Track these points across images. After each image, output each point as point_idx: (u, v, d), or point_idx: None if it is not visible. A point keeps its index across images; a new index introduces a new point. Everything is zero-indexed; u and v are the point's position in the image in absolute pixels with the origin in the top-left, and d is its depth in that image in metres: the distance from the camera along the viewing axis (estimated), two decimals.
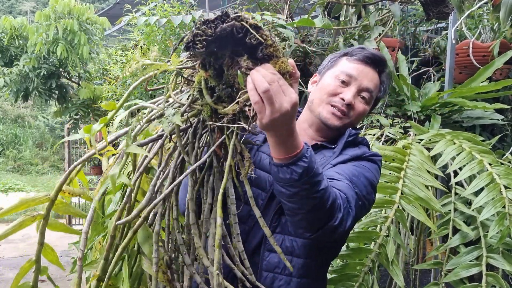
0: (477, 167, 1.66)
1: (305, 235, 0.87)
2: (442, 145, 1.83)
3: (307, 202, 0.80)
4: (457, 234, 1.72)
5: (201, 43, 0.69)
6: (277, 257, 0.98)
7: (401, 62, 2.59)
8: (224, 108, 0.74)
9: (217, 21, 0.69)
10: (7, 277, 5.88)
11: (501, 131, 2.77)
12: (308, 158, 0.77)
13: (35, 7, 23.99)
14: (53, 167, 16.09)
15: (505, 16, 1.89)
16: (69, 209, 0.86)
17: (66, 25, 4.93)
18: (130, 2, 4.25)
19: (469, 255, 1.64)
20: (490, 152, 1.75)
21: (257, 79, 0.68)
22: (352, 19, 2.59)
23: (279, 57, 0.72)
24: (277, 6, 3.16)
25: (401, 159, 1.69)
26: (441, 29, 3.86)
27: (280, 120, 0.70)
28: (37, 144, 16.92)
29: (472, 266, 1.61)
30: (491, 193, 1.55)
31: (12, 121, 17.37)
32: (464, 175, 1.68)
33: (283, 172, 0.77)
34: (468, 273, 1.61)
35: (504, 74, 2.82)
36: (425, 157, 1.75)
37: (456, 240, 1.71)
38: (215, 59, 0.72)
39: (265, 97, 0.68)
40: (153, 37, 3.86)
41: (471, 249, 1.65)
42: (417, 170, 1.64)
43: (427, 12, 2.20)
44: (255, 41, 0.69)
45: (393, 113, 2.38)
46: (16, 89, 5.40)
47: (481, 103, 2.23)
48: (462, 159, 1.72)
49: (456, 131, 1.96)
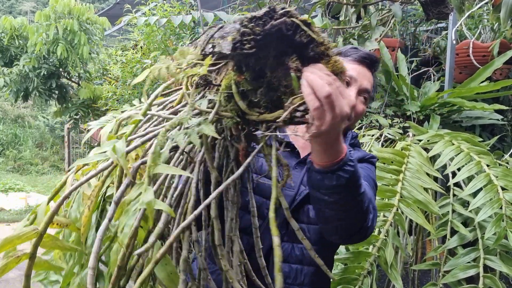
0: (475, 168, 1.67)
1: (338, 240, 0.84)
2: (440, 146, 1.83)
3: (349, 208, 0.77)
4: (455, 236, 1.72)
5: (249, 43, 0.60)
6: (288, 267, 0.96)
7: (401, 62, 2.59)
8: (260, 115, 0.65)
9: (265, 18, 0.61)
10: (7, 277, 5.87)
11: (501, 131, 2.77)
12: (354, 161, 0.73)
13: (35, 7, 23.99)
14: (53, 167, 16.07)
15: (505, 16, 1.89)
16: (57, 243, 0.73)
17: (66, 25, 4.93)
18: (130, 2, 4.25)
19: (466, 257, 1.65)
20: (488, 153, 1.75)
21: (316, 82, 0.61)
22: (352, 19, 2.59)
23: (330, 56, 0.64)
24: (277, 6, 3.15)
25: (400, 162, 1.70)
26: (441, 29, 3.86)
27: (338, 125, 0.65)
28: (37, 144, 16.91)
29: (470, 268, 1.61)
30: (488, 194, 1.56)
31: (12, 121, 17.36)
32: (462, 176, 1.68)
33: (329, 179, 0.72)
34: (465, 274, 1.61)
35: (504, 74, 2.82)
36: (424, 159, 1.76)
37: (454, 242, 1.71)
38: (256, 60, 0.63)
39: (327, 102, 0.61)
40: (153, 37, 3.86)
41: (469, 250, 1.66)
42: (415, 172, 1.64)
43: (426, 13, 2.19)
44: (305, 39, 0.62)
45: (392, 113, 2.38)
46: (16, 89, 5.41)
47: (480, 104, 2.23)
48: (460, 160, 1.72)
49: (455, 132, 1.96)
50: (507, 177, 1.59)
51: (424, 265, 1.81)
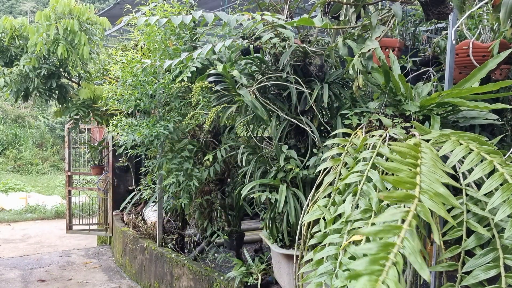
0: (488, 168, 1.64)
1: None
2: (449, 145, 1.81)
3: None
4: (472, 236, 1.68)
5: None
6: None
7: (393, 62, 2.58)
8: None
9: None
10: (7, 277, 5.89)
11: (501, 131, 2.78)
12: None
13: (35, 7, 24.00)
14: (53, 167, 16.10)
15: (505, 16, 1.90)
16: None
17: (67, 25, 4.94)
18: (130, 2, 4.26)
19: (486, 257, 1.61)
20: (498, 152, 1.73)
21: None
22: (352, 19, 2.60)
23: None
24: (277, 6, 3.16)
25: (415, 156, 1.67)
26: (440, 29, 3.86)
27: None
28: (37, 144, 16.94)
29: (491, 268, 1.58)
30: (505, 193, 1.53)
31: (13, 121, 17.38)
32: (476, 176, 1.65)
33: None
34: (486, 275, 1.57)
35: (504, 74, 2.83)
36: (436, 155, 1.73)
37: (472, 242, 1.67)
38: None
39: None
40: (153, 37, 3.86)
41: (487, 250, 1.62)
42: (431, 167, 1.61)
43: (426, 13, 2.20)
44: None
45: (392, 113, 2.39)
46: (16, 89, 5.41)
47: (482, 103, 2.23)
48: (472, 159, 1.69)
49: (460, 132, 1.95)
50: None
51: (440, 267, 1.77)
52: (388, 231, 1.47)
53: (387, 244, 1.47)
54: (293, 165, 2.80)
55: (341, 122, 2.70)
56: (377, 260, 1.45)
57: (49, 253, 7.07)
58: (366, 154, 1.91)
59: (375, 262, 1.46)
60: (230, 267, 4.59)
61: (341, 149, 2.13)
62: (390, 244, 1.47)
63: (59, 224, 9.13)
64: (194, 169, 3.84)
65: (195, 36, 3.98)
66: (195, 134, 4.20)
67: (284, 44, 2.78)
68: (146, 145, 4.12)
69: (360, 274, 1.37)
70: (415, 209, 1.46)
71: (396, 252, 1.44)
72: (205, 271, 4.08)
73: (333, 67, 3.08)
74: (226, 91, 2.96)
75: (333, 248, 1.67)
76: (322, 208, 1.87)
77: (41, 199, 11.28)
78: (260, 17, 2.56)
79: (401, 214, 1.49)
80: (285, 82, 2.80)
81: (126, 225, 6.35)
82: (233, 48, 3.25)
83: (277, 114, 2.87)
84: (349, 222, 1.69)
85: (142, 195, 4.91)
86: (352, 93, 2.83)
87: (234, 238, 4.30)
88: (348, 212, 1.72)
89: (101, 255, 6.92)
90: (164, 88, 3.73)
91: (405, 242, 1.44)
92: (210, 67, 3.35)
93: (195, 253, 4.83)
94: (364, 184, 1.78)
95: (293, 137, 3.02)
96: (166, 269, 4.79)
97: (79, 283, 5.56)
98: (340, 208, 1.79)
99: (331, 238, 1.71)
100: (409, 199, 1.48)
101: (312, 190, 2.21)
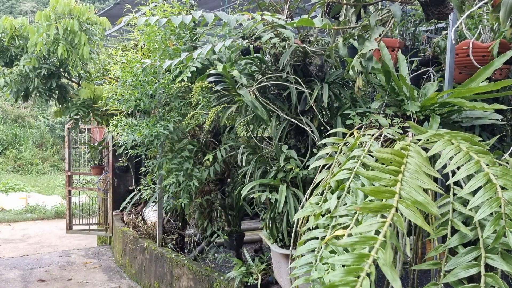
0: (474, 167, 1.66)
1: None
2: (440, 145, 1.83)
3: None
4: (456, 235, 1.72)
5: None
6: None
7: (401, 62, 2.59)
8: None
9: None
10: (7, 277, 5.89)
11: (501, 131, 2.78)
12: None
13: (35, 7, 24.00)
14: (53, 167, 16.10)
15: (505, 16, 1.90)
16: None
17: (67, 25, 4.94)
18: (130, 2, 4.26)
19: (467, 256, 1.64)
20: (487, 152, 1.75)
21: None
22: (352, 19, 2.60)
23: None
24: (277, 6, 3.16)
25: (399, 162, 1.69)
26: (440, 29, 3.86)
27: None
28: (37, 144, 16.94)
29: (471, 267, 1.61)
30: (488, 193, 1.56)
31: (13, 121, 17.38)
32: (461, 175, 1.68)
33: None
34: (467, 273, 1.60)
35: (504, 74, 2.83)
36: (423, 159, 1.75)
37: (454, 241, 1.71)
38: None
39: None
40: (153, 37, 3.86)
41: (470, 249, 1.65)
42: (415, 173, 1.64)
43: (426, 13, 2.20)
44: None
45: (392, 113, 2.39)
46: (16, 89, 5.41)
47: (480, 104, 2.23)
48: (460, 159, 1.72)
49: (454, 131, 1.96)
50: (506, 176, 1.59)
51: (425, 265, 1.80)
52: (363, 242, 1.50)
53: (362, 255, 1.50)
54: (293, 165, 2.80)
55: (341, 122, 2.71)
56: (351, 271, 1.48)
57: (49, 253, 7.07)
58: (356, 152, 1.95)
59: (350, 273, 1.49)
60: (230, 267, 4.59)
61: (335, 147, 2.15)
62: (365, 255, 1.50)
63: (59, 224, 9.13)
64: (194, 169, 3.84)
65: (195, 36, 3.98)
66: (195, 134, 4.20)
67: (284, 44, 2.78)
68: (146, 145, 4.12)
69: (336, 286, 1.40)
70: (392, 219, 1.47)
71: (370, 263, 1.47)
72: (205, 271, 4.08)
73: (333, 67, 3.08)
74: (226, 91, 2.96)
75: (315, 242, 1.71)
76: (313, 205, 1.90)
77: (41, 199, 11.28)
78: (260, 17, 2.56)
79: (377, 225, 1.51)
80: (285, 82, 2.80)
81: (126, 225, 6.35)
82: (233, 48, 3.25)
83: (277, 114, 2.87)
84: (334, 217, 1.73)
85: (142, 195, 4.91)
86: (352, 93, 2.83)
87: (234, 238, 4.30)
88: (333, 207, 1.76)
89: (101, 255, 6.92)
90: (164, 88, 3.73)
91: (379, 253, 1.47)
92: (210, 67, 3.35)
93: (195, 253, 4.83)
94: (351, 181, 1.82)
95: (293, 137, 3.02)
96: (166, 269, 4.79)
97: (79, 283, 5.56)
98: (326, 204, 1.83)
99: (315, 233, 1.75)
100: (386, 209, 1.50)
101: (309, 189, 2.22)
